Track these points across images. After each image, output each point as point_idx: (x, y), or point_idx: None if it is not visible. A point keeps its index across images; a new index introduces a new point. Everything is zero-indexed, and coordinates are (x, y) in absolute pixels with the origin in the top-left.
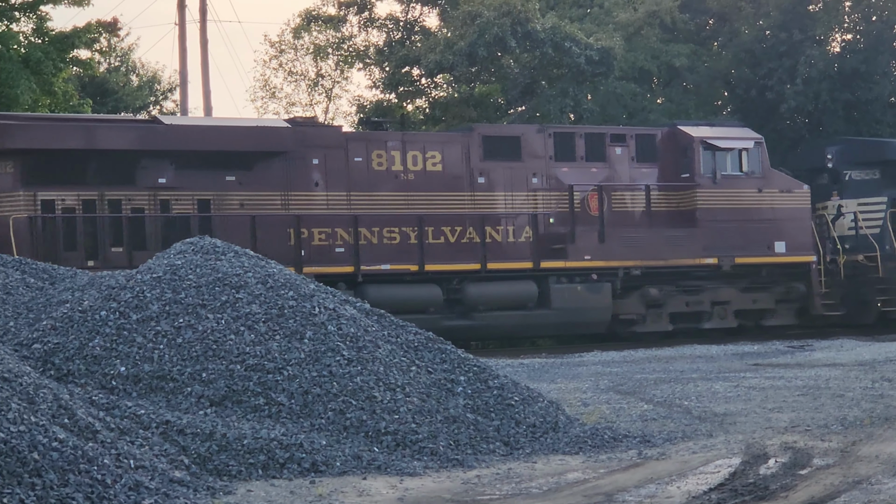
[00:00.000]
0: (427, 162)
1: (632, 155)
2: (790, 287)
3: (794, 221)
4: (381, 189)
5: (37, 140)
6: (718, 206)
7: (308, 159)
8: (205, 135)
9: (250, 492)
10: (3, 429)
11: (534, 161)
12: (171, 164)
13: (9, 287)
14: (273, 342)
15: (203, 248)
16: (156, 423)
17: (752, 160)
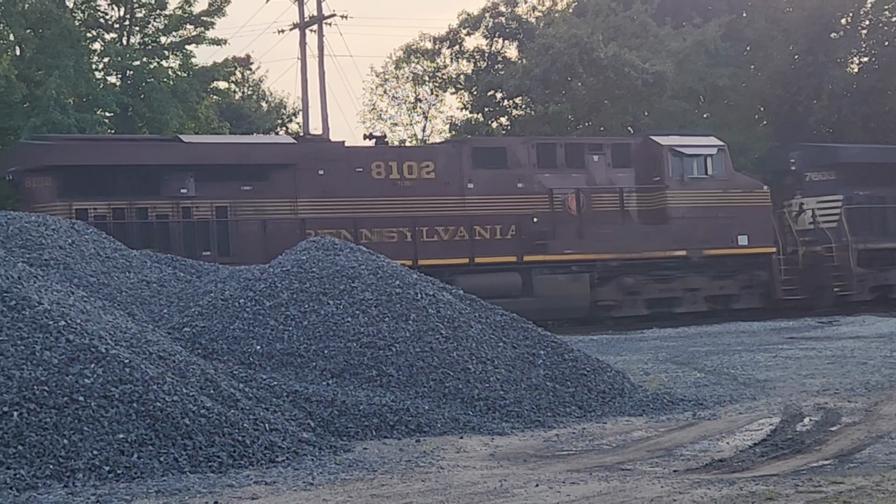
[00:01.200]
0: (422, 171)
1: (608, 162)
2: (753, 275)
3: (756, 217)
4: (380, 195)
5: (72, 157)
6: (686, 204)
7: (315, 170)
8: (220, 150)
9: (366, 449)
10: (160, 398)
11: (519, 168)
12: (191, 177)
13: (163, 280)
14: (383, 323)
15: (324, 245)
16: (286, 392)
17: (717, 164)
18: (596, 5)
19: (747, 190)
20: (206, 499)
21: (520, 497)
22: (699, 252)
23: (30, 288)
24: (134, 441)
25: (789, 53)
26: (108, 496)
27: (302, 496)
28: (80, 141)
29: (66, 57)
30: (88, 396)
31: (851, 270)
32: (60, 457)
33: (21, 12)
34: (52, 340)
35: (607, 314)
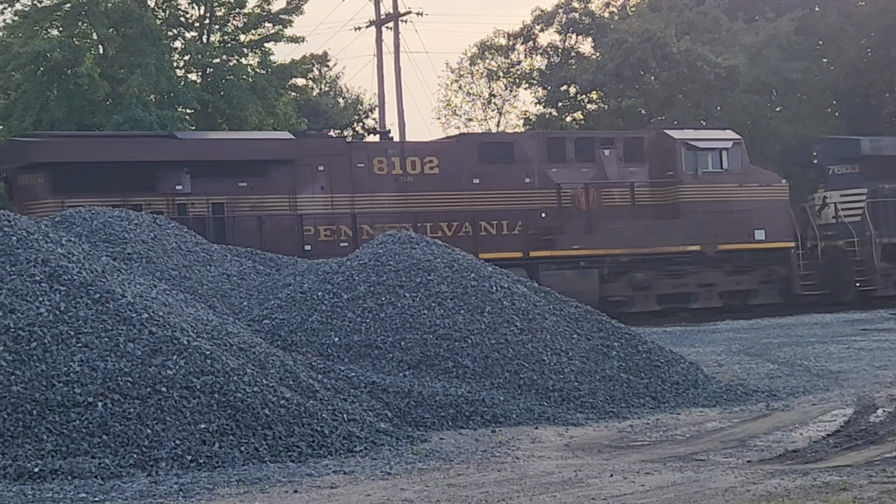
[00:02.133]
0: (425, 166)
1: (620, 156)
2: (771, 270)
3: (774, 211)
4: (382, 191)
5: (64, 154)
6: (700, 199)
7: (314, 166)
8: (216, 147)
9: (442, 440)
10: (241, 389)
11: (526, 163)
12: (186, 173)
13: (243, 273)
14: (458, 315)
15: (400, 239)
16: (364, 383)
17: (732, 158)
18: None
19: (764, 184)
20: (285, 488)
21: (594, 487)
22: (713, 247)
23: (113, 281)
24: (215, 431)
25: (862, 47)
26: (191, 485)
27: (379, 485)
28: (72, 137)
29: (148, 55)
30: (171, 387)
31: (875, 265)
32: (144, 446)
33: (104, 12)
34: (136, 332)
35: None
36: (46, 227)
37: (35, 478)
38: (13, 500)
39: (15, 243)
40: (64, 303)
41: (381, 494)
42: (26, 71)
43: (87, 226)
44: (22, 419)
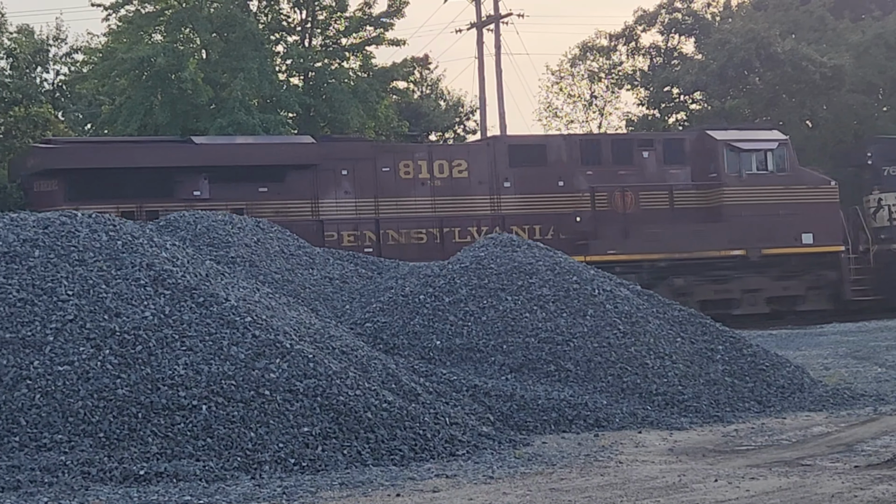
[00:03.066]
0: (453, 169)
1: (660, 158)
2: (820, 275)
3: (822, 214)
4: (408, 195)
5: (79, 160)
6: (744, 202)
7: (337, 170)
8: (234, 151)
9: (545, 443)
10: (343, 393)
11: (560, 166)
12: (204, 178)
13: (345, 277)
14: (561, 319)
15: (502, 241)
16: (466, 386)
17: (778, 159)
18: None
19: (812, 186)
20: (388, 491)
21: (699, 492)
22: (758, 251)
23: (217, 285)
24: (318, 434)
25: None
26: (294, 488)
27: (482, 489)
28: (87, 144)
29: (251, 60)
30: (274, 391)
31: None
32: (247, 449)
33: (207, 17)
34: (239, 336)
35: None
36: (151, 232)
37: (140, 480)
38: (119, 502)
39: (120, 248)
40: (168, 307)
41: (484, 499)
42: (131, 76)
43: (190, 230)
44: (128, 422)
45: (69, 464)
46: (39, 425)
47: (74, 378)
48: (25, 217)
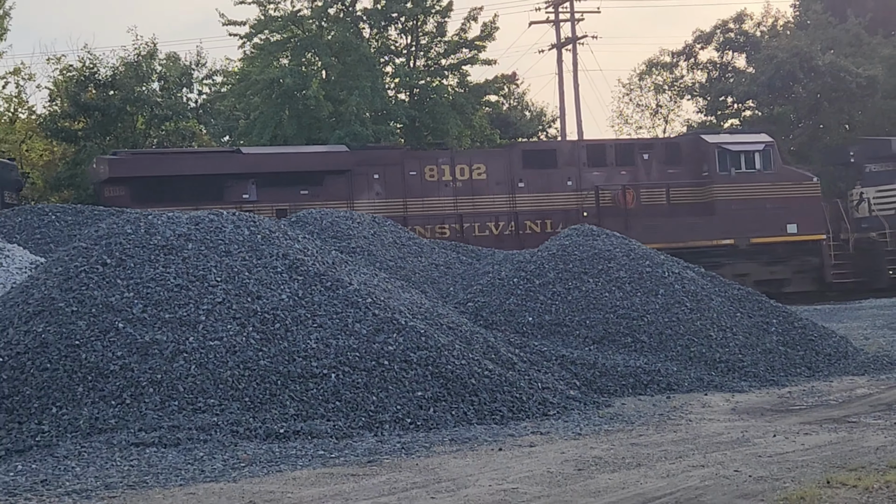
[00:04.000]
0: (473, 172)
1: (659, 159)
2: (804, 260)
3: (806, 207)
4: (432, 195)
5: (142, 169)
6: (733, 197)
7: (370, 175)
8: (277, 160)
9: (624, 405)
10: (451, 362)
11: (569, 168)
12: (252, 183)
13: (448, 263)
14: (635, 297)
15: (584, 232)
16: (555, 356)
17: (765, 159)
18: (816, 19)
19: (796, 182)
20: (491, 446)
21: (760, 446)
22: (746, 240)
23: (342, 271)
24: (430, 398)
25: None
26: (411, 443)
27: (572, 444)
28: (149, 155)
29: (364, 79)
30: (392, 361)
31: None
32: (370, 411)
33: (326, 43)
34: (362, 314)
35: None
36: (285, 227)
37: (280, 438)
38: (264, 456)
39: (260, 240)
40: (301, 290)
41: (574, 452)
42: (263, 95)
43: (317, 225)
44: (269, 388)
45: (220, 424)
46: (195, 391)
47: (223, 351)
48: (179, 215)
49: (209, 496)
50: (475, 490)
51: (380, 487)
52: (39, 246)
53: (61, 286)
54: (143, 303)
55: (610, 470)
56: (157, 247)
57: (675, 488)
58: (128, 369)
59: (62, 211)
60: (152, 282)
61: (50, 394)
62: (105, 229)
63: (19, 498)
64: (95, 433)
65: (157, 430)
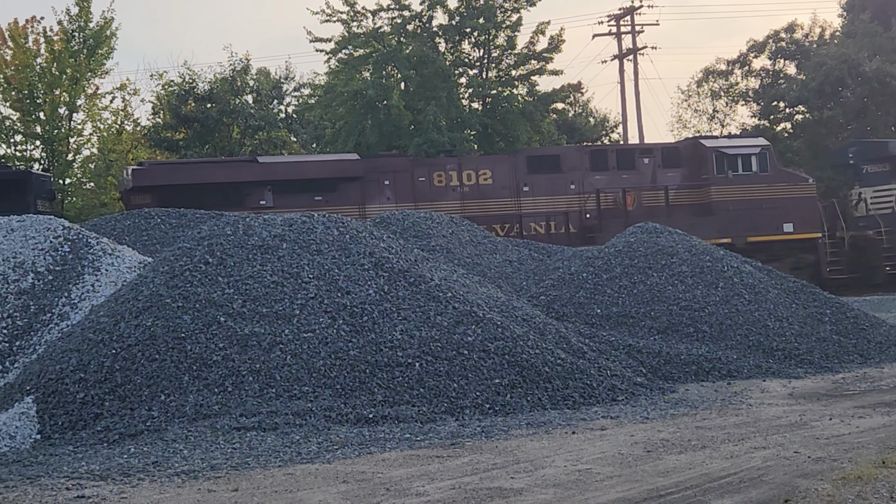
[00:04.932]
0: (479, 178)
1: (658, 163)
2: (800, 258)
3: (802, 207)
4: (441, 199)
5: (166, 178)
6: (730, 198)
7: (380, 181)
8: (293, 168)
9: (687, 391)
10: (526, 352)
11: (572, 172)
12: (269, 190)
13: (521, 259)
14: (697, 290)
15: (647, 229)
16: (622, 346)
17: (761, 162)
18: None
19: (792, 183)
20: (565, 429)
21: (817, 428)
22: (743, 239)
23: (424, 268)
24: (507, 385)
25: None
26: (490, 427)
27: (640, 427)
28: (172, 164)
29: (441, 90)
30: (471, 350)
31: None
32: (452, 397)
33: (405, 57)
34: (442, 308)
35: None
36: (371, 227)
37: (369, 422)
38: (355, 439)
39: (348, 240)
40: (387, 286)
41: (643, 435)
42: (347, 106)
43: (399, 225)
44: (358, 377)
45: (314, 409)
46: (290, 380)
47: (316, 342)
48: (274, 217)
49: (306, 476)
50: (551, 470)
51: (463, 468)
52: (147, 247)
53: (168, 283)
54: (243, 298)
55: (677, 451)
56: (254, 247)
57: (739, 468)
58: (229, 360)
59: (167, 214)
60: (250, 279)
61: (158, 382)
62: (207, 231)
63: (133, 478)
64: (200, 418)
65: (257, 416)
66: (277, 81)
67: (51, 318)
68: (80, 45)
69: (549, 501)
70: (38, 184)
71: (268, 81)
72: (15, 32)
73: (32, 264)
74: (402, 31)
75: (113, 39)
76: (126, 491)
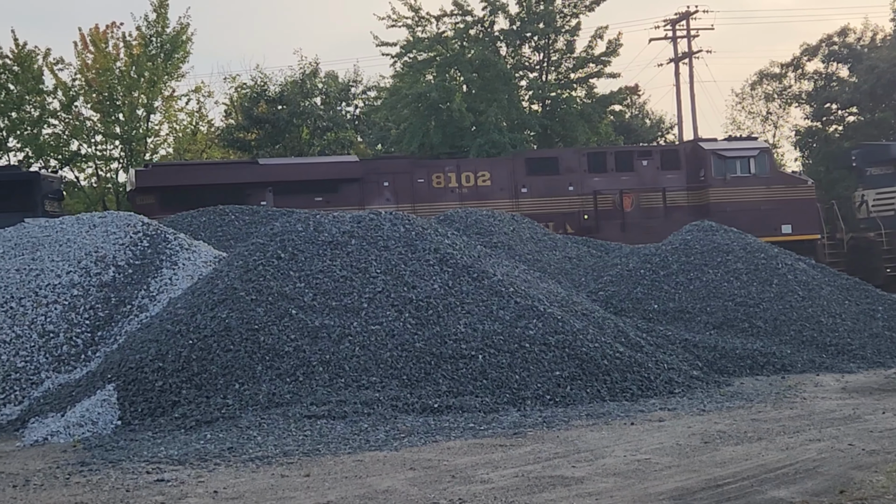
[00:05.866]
0: (478, 179)
1: (657, 165)
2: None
3: (800, 208)
4: (440, 200)
5: (168, 180)
6: (728, 199)
7: (380, 182)
8: (292, 170)
9: (742, 384)
10: (585, 345)
11: (570, 174)
12: (269, 191)
13: (580, 256)
14: (752, 287)
15: (703, 227)
16: (679, 340)
17: (760, 164)
18: None
19: (791, 185)
20: (623, 421)
21: (870, 422)
22: None
23: (486, 264)
24: (567, 377)
25: None
26: (551, 417)
27: (697, 419)
28: (175, 166)
29: (502, 92)
30: (532, 344)
31: None
32: (514, 388)
33: (468, 61)
34: (505, 302)
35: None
36: (435, 224)
37: (435, 411)
38: (420, 428)
39: (414, 237)
40: (451, 280)
41: (700, 426)
42: (412, 108)
43: (462, 222)
44: (424, 368)
45: (382, 399)
46: (359, 370)
47: (383, 335)
48: (344, 215)
49: (374, 463)
50: (611, 460)
51: (525, 457)
52: (221, 242)
53: (242, 277)
54: (313, 292)
55: (733, 443)
56: (324, 243)
57: (794, 460)
58: (300, 351)
59: (240, 212)
60: (321, 273)
61: (233, 372)
62: (279, 227)
63: (209, 463)
64: (273, 407)
65: (327, 405)
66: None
67: (131, 309)
68: (157, 50)
69: (609, 490)
70: (46, 184)
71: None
72: (96, 37)
73: (113, 258)
74: (464, 36)
75: (188, 44)
76: (203, 475)
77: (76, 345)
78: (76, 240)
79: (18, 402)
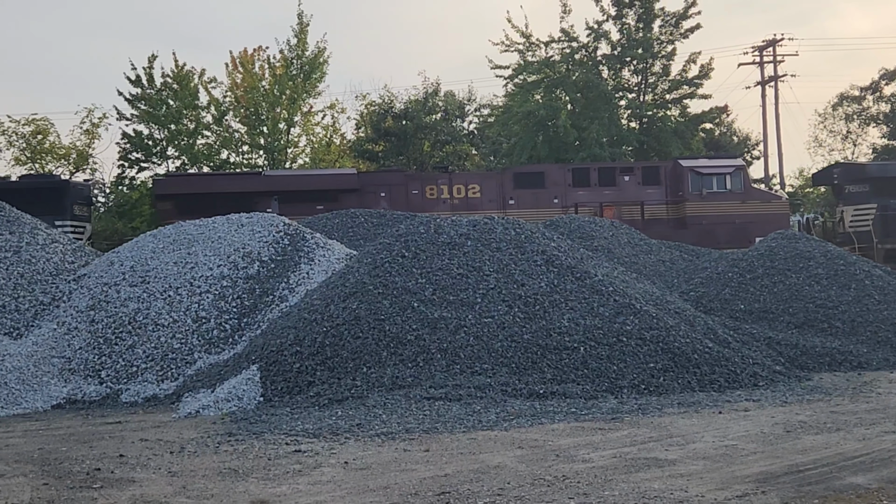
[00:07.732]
0: (469, 191)
1: (638, 181)
2: None
3: (774, 222)
4: (432, 210)
5: (185, 188)
6: (704, 213)
7: (377, 193)
8: (295, 180)
9: (821, 379)
10: (677, 340)
11: (556, 188)
12: (275, 199)
13: (672, 260)
14: (831, 290)
15: (787, 236)
16: (763, 338)
17: (735, 181)
18: None
19: (765, 201)
20: (712, 410)
21: None
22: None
23: (588, 265)
24: (660, 369)
25: None
26: (646, 405)
27: (780, 410)
28: (190, 176)
29: (603, 111)
30: (629, 338)
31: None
32: (611, 378)
33: (573, 82)
34: (604, 300)
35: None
36: (543, 228)
37: (540, 397)
38: (527, 411)
39: (523, 240)
40: (556, 279)
41: (783, 417)
42: (521, 124)
43: (566, 227)
44: (531, 357)
45: (492, 384)
46: (472, 358)
47: (495, 327)
48: (461, 219)
49: (486, 441)
50: (701, 445)
51: (622, 440)
52: (352, 241)
53: (370, 273)
54: (433, 287)
55: (814, 432)
56: (443, 244)
57: (871, 450)
58: (421, 339)
59: (369, 215)
60: (440, 271)
61: (361, 357)
62: (403, 229)
63: (340, 437)
64: (396, 388)
65: (444, 388)
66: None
67: (272, 299)
68: (297, 71)
69: (699, 472)
70: (75, 191)
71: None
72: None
73: (258, 254)
74: (570, 60)
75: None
76: (335, 448)
77: (225, 329)
78: (226, 237)
79: (174, 378)
